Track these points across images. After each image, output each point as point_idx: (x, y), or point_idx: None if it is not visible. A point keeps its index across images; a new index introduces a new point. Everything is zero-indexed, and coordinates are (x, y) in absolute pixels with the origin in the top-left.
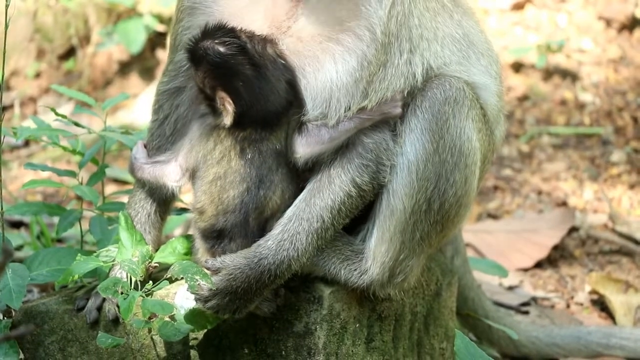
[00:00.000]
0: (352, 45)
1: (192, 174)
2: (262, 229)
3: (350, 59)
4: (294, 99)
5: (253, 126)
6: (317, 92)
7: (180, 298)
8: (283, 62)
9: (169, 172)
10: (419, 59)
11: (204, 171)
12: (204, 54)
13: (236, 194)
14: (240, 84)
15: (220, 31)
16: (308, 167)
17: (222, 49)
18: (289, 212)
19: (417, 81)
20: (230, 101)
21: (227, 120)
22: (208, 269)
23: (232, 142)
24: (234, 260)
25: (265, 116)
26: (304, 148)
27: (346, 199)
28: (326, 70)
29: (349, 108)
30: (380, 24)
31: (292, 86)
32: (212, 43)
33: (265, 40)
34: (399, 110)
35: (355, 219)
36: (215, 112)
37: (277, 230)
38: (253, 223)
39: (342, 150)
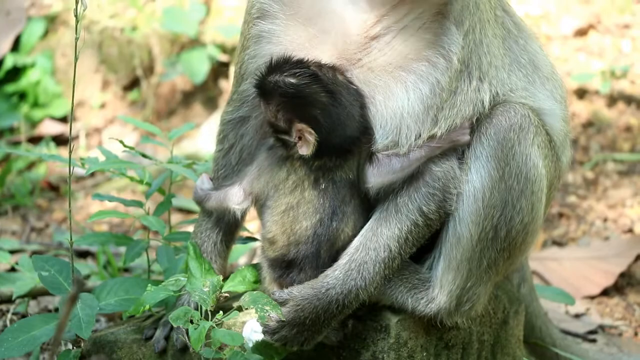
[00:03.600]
0: (425, 74)
1: (257, 201)
2: (333, 260)
3: (423, 86)
4: (368, 125)
5: (329, 154)
6: (387, 120)
7: (248, 331)
8: (355, 87)
9: (232, 194)
10: (487, 86)
11: (274, 200)
12: (274, 87)
13: (309, 225)
14: (318, 112)
15: (288, 63)
16: (380, 197)
17: (293, 80)
18: (356, 241)
19: (485, 108)
20: (311, 131)
21: (308, 150)
22: (275, 300)
23: (306, 171)
24: (301, 292)
25: (343, 143)
26: (375, 178)
27: (413, 227)
28: (397, 99)
29: (419, 136)
30: (458, 52)
31: (365, 112)
32: (281, 76)
33: (334, 68)
34: (467, 138)
35: (422, 247)
36: (286, 145)
37: (344, 260)
38: (324, 255)
39: (409, 178)
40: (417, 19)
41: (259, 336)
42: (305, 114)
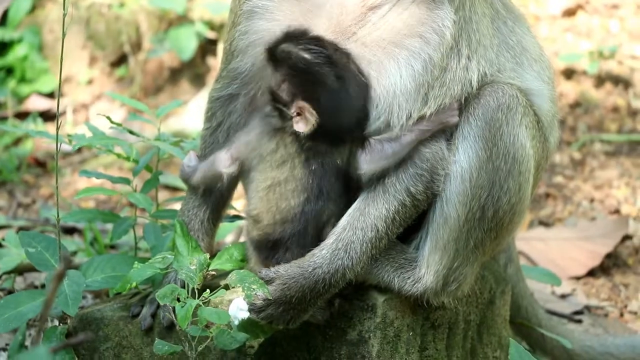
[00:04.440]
0: (418, 50)
1: (243, 167)
2: (318, 239)
3: (416, 63)
4: (367, 117)
5: (323, 139)
6: (380, 98)
7: (235, 309)
8: (364, 79)
9: (220, 158)
10: (475, 65)
11: (259, 172)
12: (286, 56)
13: (296, 203)
14: (323, 95)
15: (305, 37)
16: (371, 182)
17: (307, 55)
18: (343, 221)
19: (473, 88)
20: (313, 111)
21: (305, 128)
22: (262, 279)
23: (298, 149)
24: (288, 270)
25: (339, 131)
26: (367, 165)
27: (400, 208)
28: (390, 75)
29: (410, 116)
30: (450, 27)
31: (367, 105)
32: (296, 48)
33: (348, 55)
34: (456, 119)
35: (409, 227)
36: (282, 116)
37: (331, 240)
38: (311, 233)
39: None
40: None
41: (245, 314)
42: (311, 93)
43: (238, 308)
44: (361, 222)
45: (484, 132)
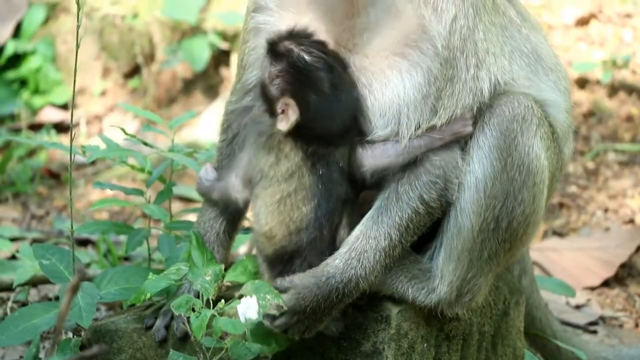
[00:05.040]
0: (417, 60)
1: (250, 186)
2: (333, 242)
3: (416, 73)
4: (353, 130)
5: (313, 140)
6: (385, 108)
7: (244, 308)
8: (357, 92)
9: (232, 184)
10: (485, 73)
11: (265, 189)
12: (287, 53)
13: (309, 209)
14: (313, 97)
15: (309, 38)
16: (374, 181)
17: (307, 57)
18: (357, 230)
19: (484, 97)
20: (296, 109)
21: (283, 126)
22: (277, 288)
23: (302, 157)
24: (302, 280)
25: (325, 135)
26: (369, 160)
27: (414, 216)
28: (393, 86)
29: (419, 126)
30: (440, 39)
31: (359, 118)
32: (298, 47)
33: (346, 66)
34: (470, 129)
35: (423, 237)
36: (270, 113)
37: (345, 249)
38: (327, 236)
39: (409, 167)
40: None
41: (254, 314)
42: (301, 93)
43: (247, 307)
44: (374, 230)
45: (499, 142)
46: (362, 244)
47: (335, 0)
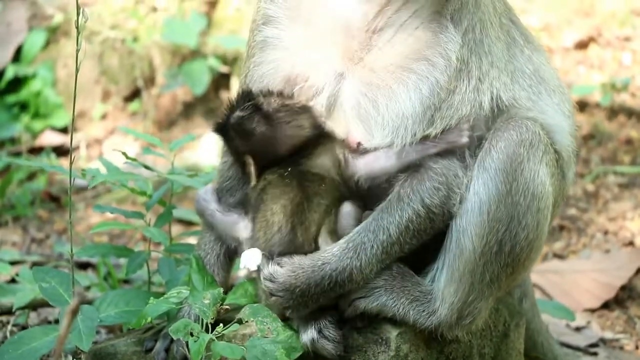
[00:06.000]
0: (425, 73)
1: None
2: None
3: (424, 86)
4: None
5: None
6: (388, 121)
7: (246, 259)
8: (299, 107)
9: (242, 227)
10: (487, 87)
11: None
12: (228, 126)
13: (279, 207)
14: (256, 139)
15: (242, 99)
16: (367, 187)
17: (240, 113)
18: (358, 227)
19: (484, 110)
20: (251, 160)
21: (252, 179)
22: (275, 262)
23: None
24: (300, 260)
25: (280, 156)
26: (361, 167)
27: (414, 217)
28: (399, 100)
29: (415, 135)
30: (456, 50)
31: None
32: (234, 113)
33: (280, 92)
34: (465, 140)
35: (424, 259)
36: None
37: (343, 240)
38: (302, 238)
39: (412, 174)
40: (415, 17)
41: (255, 265)
42: (248, 143)
43: (249, 258)
44: (373, 225)
45: (505, 165)
46: (361, 237)
47: (354, 16)
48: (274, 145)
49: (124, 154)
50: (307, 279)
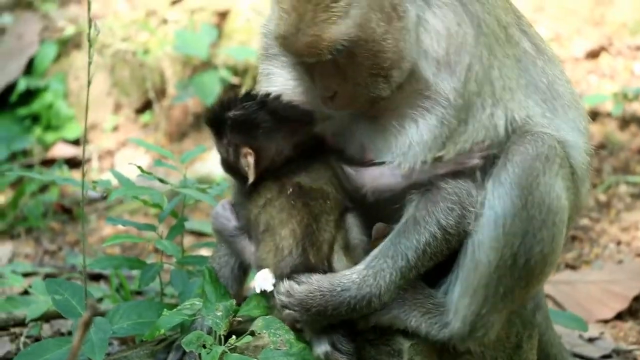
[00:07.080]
0: (430, 107)
1: None
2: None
3: (431, 118)
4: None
5: (280, 169)
6: (396, 148)
7: (261, 279)
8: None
9: (254, 258)
10: (502, 110)
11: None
12: (224, 121)
13: (288, 232)
14: (259, 132)
15: (236, 101)
16: (374, 200)
17: (242, 111)
18: (375, 251)
19: (499, 133)
20: (251, 151)
21: (251, 174)
22: (294, 280)
23: (269, 183)
24: (319, 281)
25: (283, 158)
26: (369, 181)
27: (431, 240)
28: (407, 133)
29: (425, 161)
30: (454, 92)
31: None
32: (230, 111)
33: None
34: (475, 162)
35: (438, 271)
36: (243, 178)
37: (362, 266)
38: (315, 260)
39: (426, 195)
40: None
41: (270, 286)
42: (250, 137)
43: (263, 279)
44: (391, 251)
45: (521, 179)
46: (379, 263)
47: None
48: (277, 141)
49: (140, 168)
50: (325, 302)
